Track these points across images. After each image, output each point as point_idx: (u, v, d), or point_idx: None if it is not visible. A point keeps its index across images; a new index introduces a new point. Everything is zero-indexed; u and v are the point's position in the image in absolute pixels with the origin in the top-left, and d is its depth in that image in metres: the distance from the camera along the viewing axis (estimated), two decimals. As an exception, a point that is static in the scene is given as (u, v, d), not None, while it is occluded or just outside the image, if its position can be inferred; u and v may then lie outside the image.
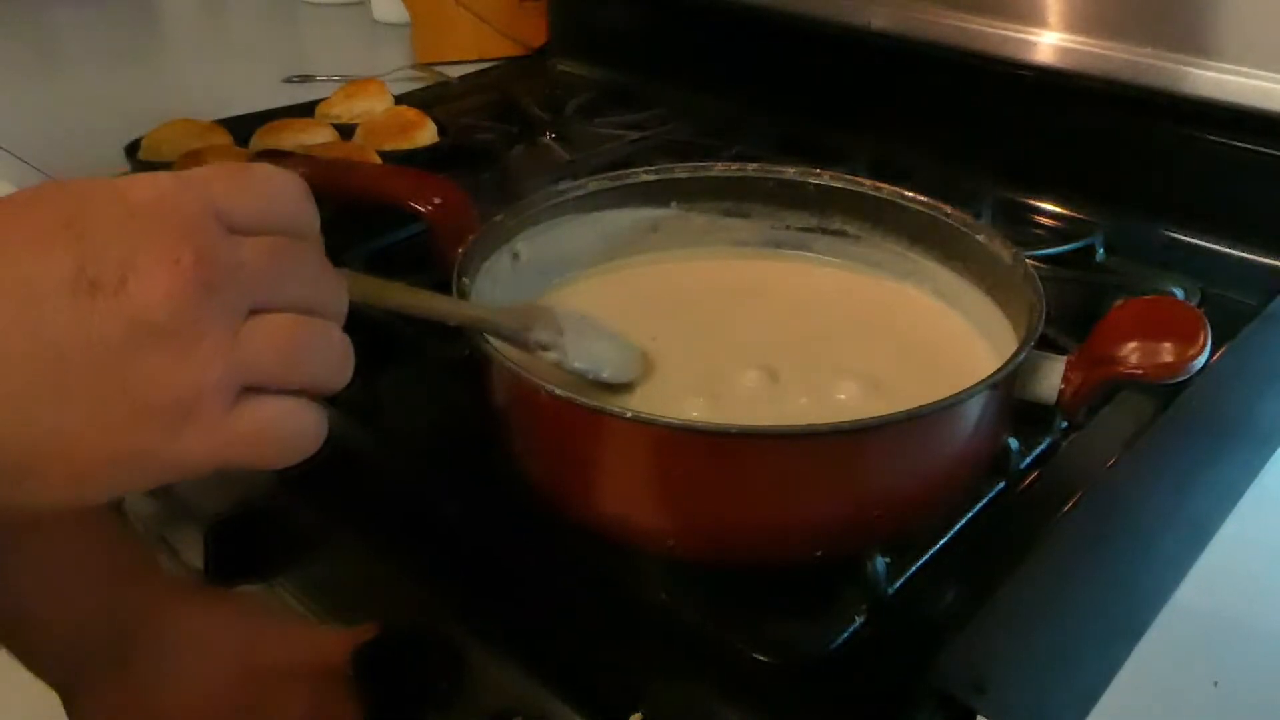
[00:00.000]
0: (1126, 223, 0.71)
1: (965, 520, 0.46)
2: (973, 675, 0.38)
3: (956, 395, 0.39)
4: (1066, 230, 0.72)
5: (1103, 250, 0.69)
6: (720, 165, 0.58)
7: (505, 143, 0.88)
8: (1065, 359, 0.44)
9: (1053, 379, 0.44)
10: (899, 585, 0.43)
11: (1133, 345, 0.43)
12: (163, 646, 0.50)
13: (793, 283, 0.57)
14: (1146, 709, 0.39)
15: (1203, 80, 0.67)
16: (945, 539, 0.45)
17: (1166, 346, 0.43)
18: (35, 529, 0.49)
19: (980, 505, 0.47)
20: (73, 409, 0.28)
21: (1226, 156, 0.68)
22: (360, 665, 0.47)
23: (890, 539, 0.43)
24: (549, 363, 0.44)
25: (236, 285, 0.29)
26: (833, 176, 0.56)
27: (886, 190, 0.55)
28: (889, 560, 0.43)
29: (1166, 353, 0.42)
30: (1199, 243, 0.70)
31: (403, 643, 0.47)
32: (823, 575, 0.43)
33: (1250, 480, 0.50)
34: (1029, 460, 0.50)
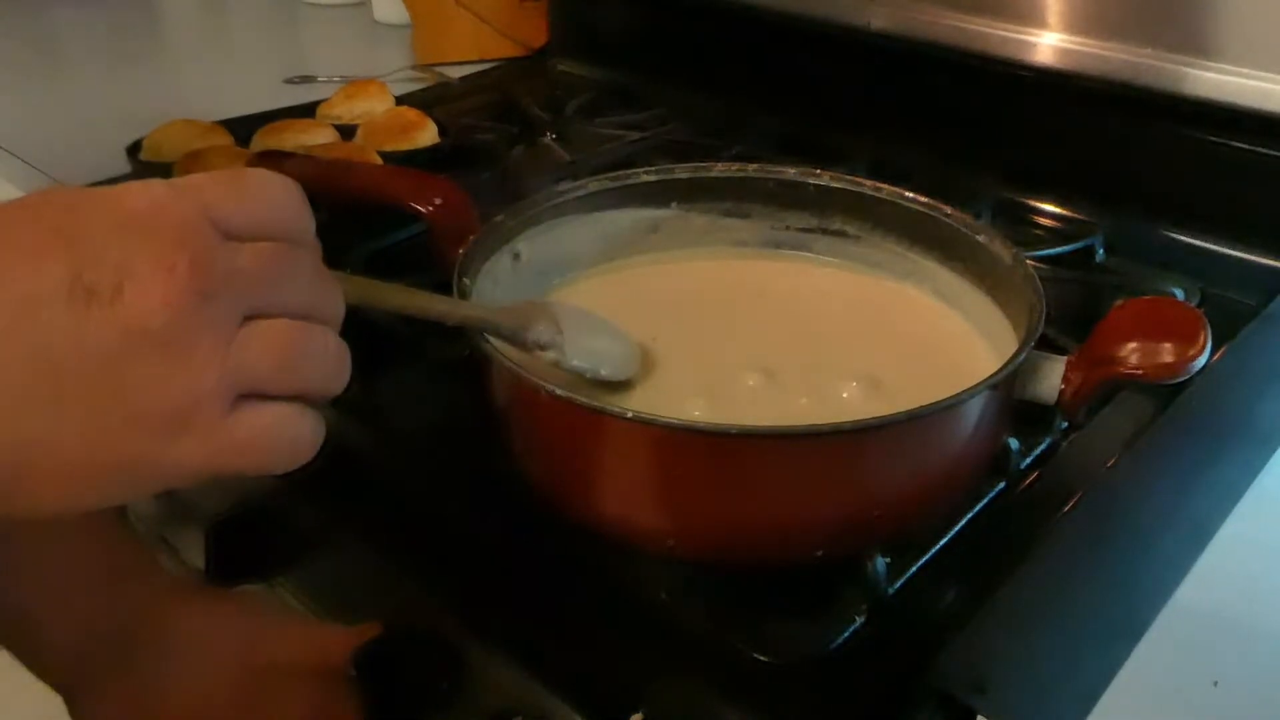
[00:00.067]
0: (1126, 223, 0.71)
1: (965, 520, 0.46)
2: (973, 675, 0.38)
3: (956, 395, 0.39)
4: (1066, 230, 0.72)
5: (1103, 250, 0.69)
6: (720, 166, 0.58)
7: (506, 143, 0.88)
8: (1065, 359, 0.44)
9: (1053, 379, 0.44)
10: (899, 585, 0.43)
11: (1133, 345, 0.43)
12: (164, 646, 0.50)
13: (793, 283, 0.57)
14: (1146, 709, 0.39)
15: (1202, 81, 0.67)
16: (945, 539, 0.45)
17: (1166, 347, 0.43)
18: (36, 530, 0.49)
19: (980, 505, 0.47)
20: (68, 417, 0.28)
21: (1226, 157, 0.68)
22: (361, 665, 0.47)
23: (890, 539, 0.43)
24: (548, 362, 0.44)
25: (232, 292, 0.29)
26: (833, 177, 0.56)
27: (886, 190, 0.55)
28: (889, 560, 0.43)
29: (1166, 353, 0.42)
30: (1199, 243, 0.70)
31: (403, 643, 0.47)
32: (823, 575, 0.43)
33: (1250, 480, 0.50)
34: (1029, 460, 0.50)
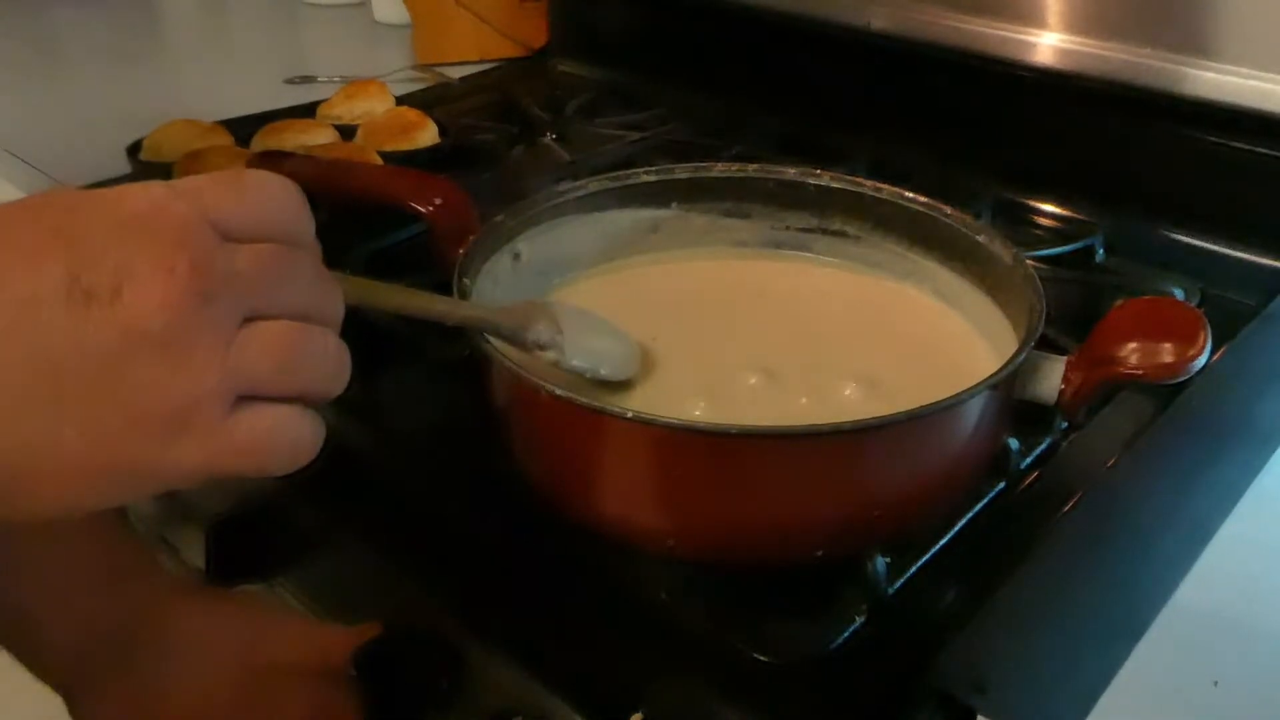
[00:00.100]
0: (1126, 223, 0.71)
1: (965, 520, 0.46)
2: (973, 675, 0.38)
3: (957, 395, 0.39)
4: (1066, 230, 0.72)
5: (1103, 250, 0.69)
6: (720, 166, 0.58)
7: (506, 143, 0.88)
8: (1065, 359, 0.44)
9: (1053, 379, 0.44)
10: (899, 585, 0.43)
11: (1133, 345, 0.43)
12: (164, 646, 0.50)
13: (793, 283, 0.57)
14: (1146, 709, 0.39)
15: (1202, 81, 0.67)
16: (945, 539, 0.45)
17: (1166, 347, 0.43)
18: (36, 530, 0.49)
19: (980, 505, 0.47)
20: (67, 418, 0.27)
21: (1226, 157, 0.68)
22: (361, 665, 0.47)
23: (890, 539, 0.43)
24: (548, 362, 0.44)
25: (231, 293, 0.29)
26: (833, 177, 0.56)
27: (886, 191, 0.55)
28: (889, 560, 0.43)
29: (1166, 353, 0.42)
30: (1199, 243, 0.70)
31: (403, 643, 0.47)
32: (823, 575, 0.43)
33: (1250, 480, 0.50)
34: (1029, 460, 0.50)
